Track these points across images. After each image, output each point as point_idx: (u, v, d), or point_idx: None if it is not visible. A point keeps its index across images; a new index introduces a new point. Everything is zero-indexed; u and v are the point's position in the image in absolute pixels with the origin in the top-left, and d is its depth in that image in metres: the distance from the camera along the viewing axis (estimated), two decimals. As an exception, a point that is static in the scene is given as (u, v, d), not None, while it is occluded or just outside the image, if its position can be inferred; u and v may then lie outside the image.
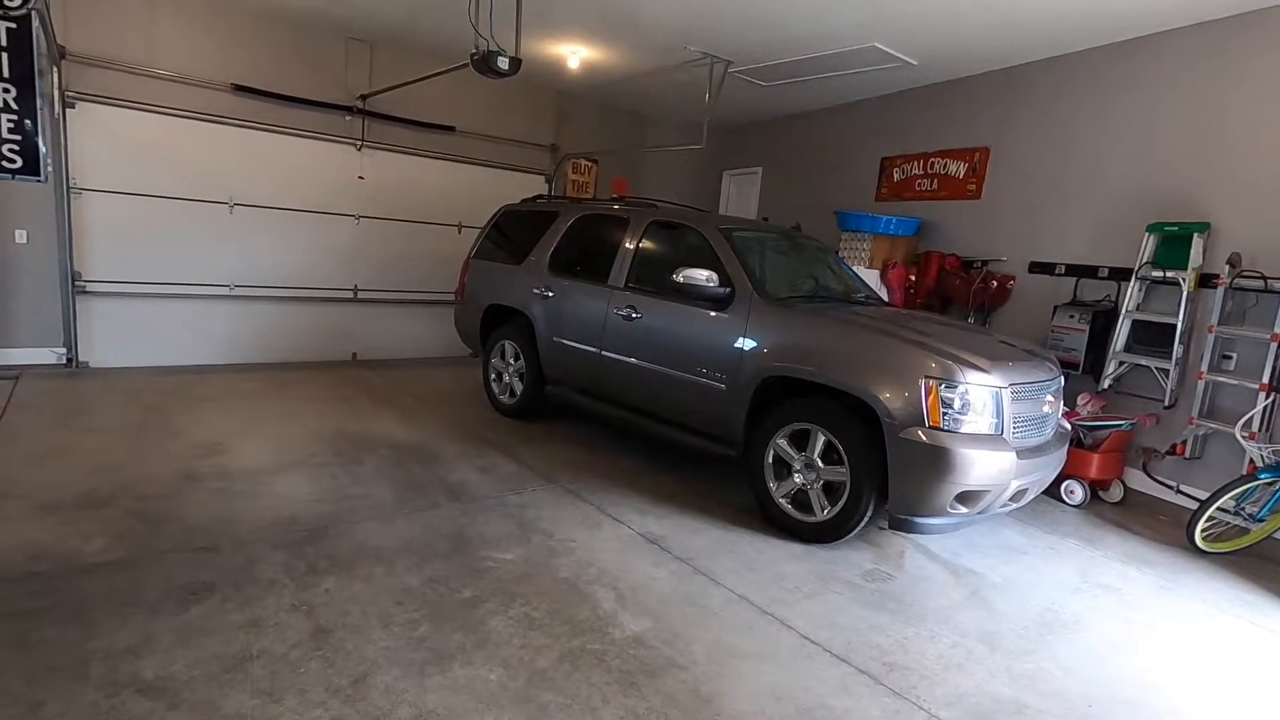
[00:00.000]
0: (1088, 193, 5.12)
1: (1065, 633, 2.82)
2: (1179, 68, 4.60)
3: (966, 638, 2.70)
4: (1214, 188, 4.43)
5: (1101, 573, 3.45)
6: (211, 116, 5.86)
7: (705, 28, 5.34)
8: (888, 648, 2.57)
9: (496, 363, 5.35)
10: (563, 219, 5.04)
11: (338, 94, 6.42)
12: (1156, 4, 4.29)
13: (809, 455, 3.40)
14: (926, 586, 3.11)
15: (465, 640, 2.33)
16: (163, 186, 5.75)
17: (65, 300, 5.51)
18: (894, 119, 6.66)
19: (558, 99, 7.81)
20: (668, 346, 4.06)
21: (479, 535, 3.17)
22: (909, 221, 6.22)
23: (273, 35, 6.06)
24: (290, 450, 4.10)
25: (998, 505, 3.22)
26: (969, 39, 5.12)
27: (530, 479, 3.98)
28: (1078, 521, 4.16)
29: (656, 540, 3.30)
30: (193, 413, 4.68)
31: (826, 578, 3.09)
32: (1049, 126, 5.38)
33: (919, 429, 3.04)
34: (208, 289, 6.09)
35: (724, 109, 7.50)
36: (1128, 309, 4.63)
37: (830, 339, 3.47)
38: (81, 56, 5.30)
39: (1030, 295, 5.46)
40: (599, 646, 2.38)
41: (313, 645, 2.23)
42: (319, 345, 6.76)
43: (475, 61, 4.36)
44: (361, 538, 3.04)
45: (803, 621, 2.69)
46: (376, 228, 6.86)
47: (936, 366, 3.08)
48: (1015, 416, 3.20)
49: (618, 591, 2.77)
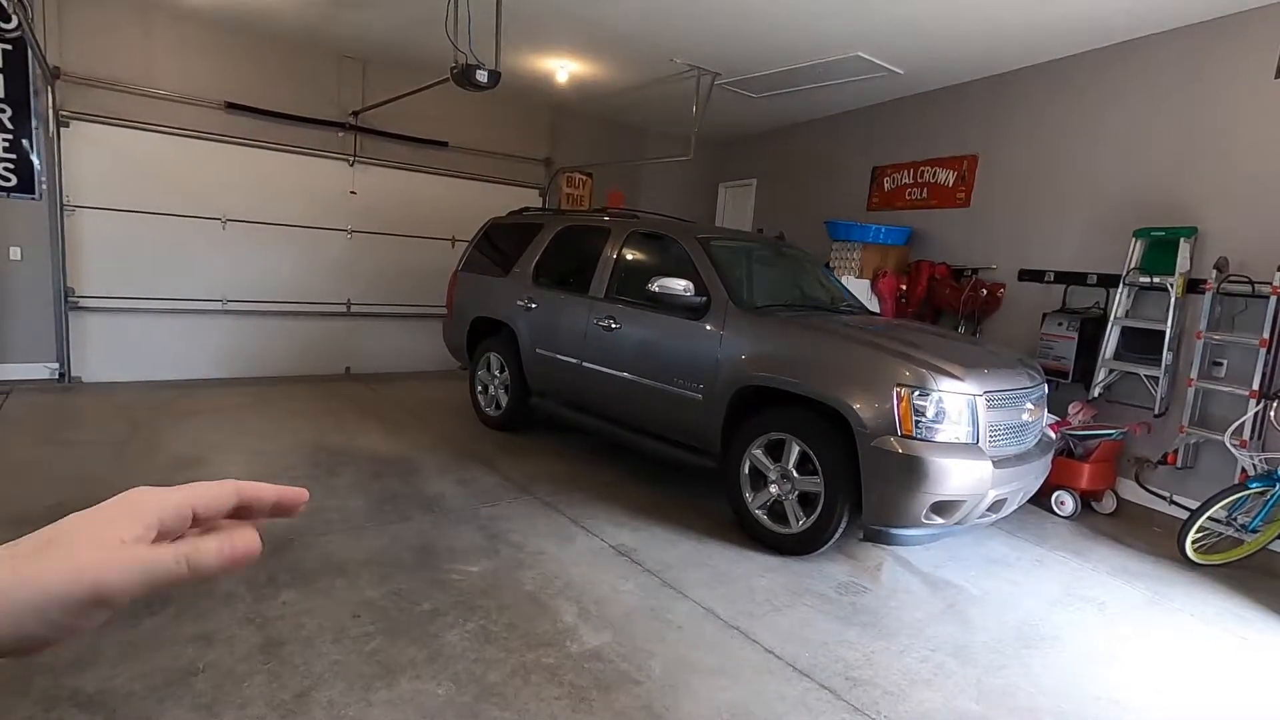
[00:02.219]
0: (1076, 199, 5.06)
1: (1042, 647, 2.74)
2: (1164, 72, 4.55)
3: (937, 652, 2.62)
4: (1201, 192, 4.36)
5: (1087, 586, 3.36)
6: (205, 134, 5.94)
7: (690, 39, 5.36)
8: (854, 662, 2.50)
9: (482, 375, 5.34)
10: (546, 231, 5.04)
11: (330, 111, 6.49)
12: (1137, 8, 4.26)
13: (784, 465, 3.35)
14: (902, 600, 3.04)
15: (417, 654, 2.30)
16: (156, 203, 5.81)
17: (58, 316, 5.57)
18: (884, 128, 6.64)
19: (551, 113, 7.86)
20: (646, 357, 4.03)
21: (447, 548, 3.13)
22: (899, 231, 6.17)
23: (266, 54, 6.14)
24: (268, 463, 4.09)
25: (975, 516, 3.14)
26: (952, 47, 5.10)
27: (508, 491, 3.95)
28: (1068, 533, 4.07)
29: (628, 553, 3.26)
30: (178, 427, 4.70)
31: (799, 590, 3.02)
32: (1037, 133, 5.33)
33: (891, 438, 2.99)
34: (200, 304, 6.13)
35: (717, 121, 7.51)
36: (1116, 315, 4.56)
37: (803, 348, 3.43)
38: (77, 76, 5.40)
39: (1020, 303, 5.39)
40: (553, 660, 2.33)
41: (261, 659, 2.20)
42: (311, 359, 6.79)
43: (455, 75, 4.39)
44: (328, 550, 3.01)
45: (769, 635, 2.63)
46: (369, 242, 6.91)
47: (909, 374, 3.03)
48: (992, 425, 3.14)
49: (581, 605, 2.73)
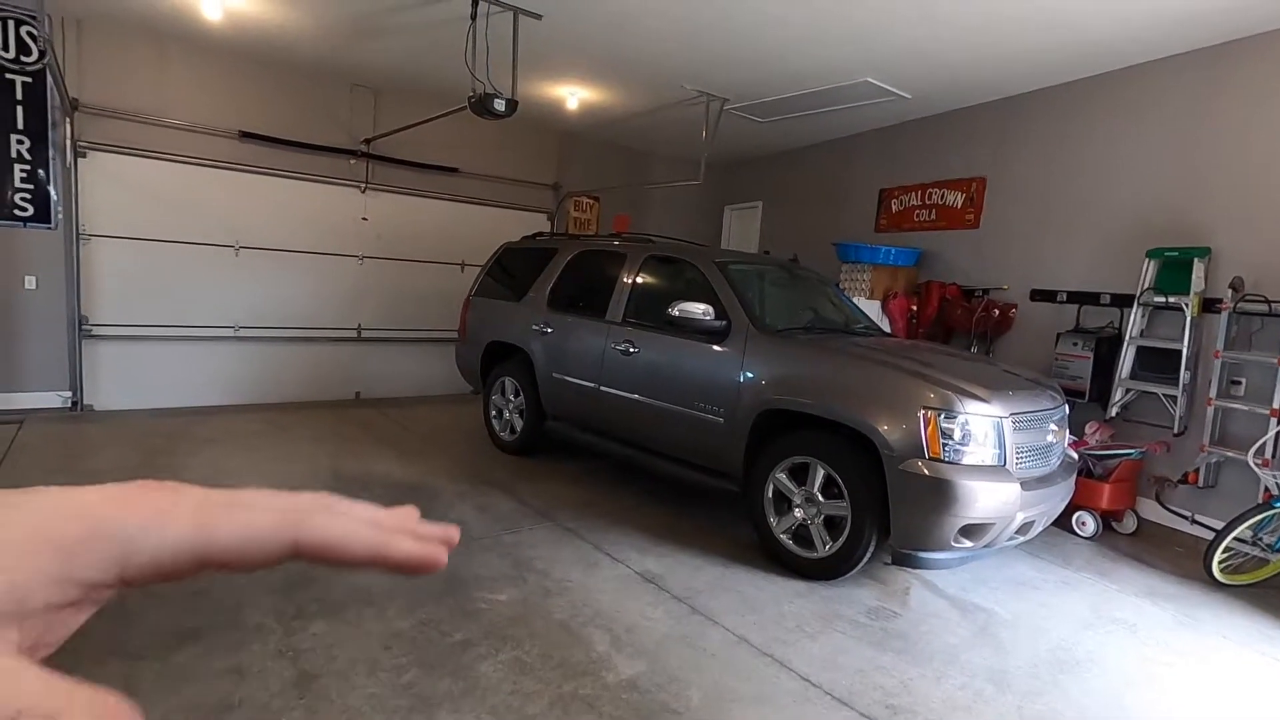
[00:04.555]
0: (1087, 219, 5.11)
1: (1079, 671, 2.71)
2: (1173, 95, 4.62)
3: (975, 678, 2.60)
4: (1213, 212, 4.41)
5: (1116, 607, 3.33)
6: (219, 163, 5.99)
7: (700, 67, 5.45)
8: (892, 689, 2.47)
9: (497, 400, 5.33)
10: (561, 255, 5.07)
11: (342, 138, 6.56)
12: (1143, 34, 4.34)
13: (809, 489, 3.34)
14: (933, 624, 3.01)
15: (453, 686, 2.27)
16: (170, 231, 5.85)
17: (72, 344, 5.58)
18: (891, 151, 6.71)
19: (559, 138, 7.95)
20: (665, 380, 4.03)
21: (473, 576, 3.11)
22: (909, 252, 6.22)
23: (279, 83, 6.22)
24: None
25: (1004, 538, 3.13)
26: (959, 72, 5.19)
27: (528, 517, 3.92)
28: (1091, 554, 4.05)
29: (654, 579, 3.23)
30: (192, 454, 4.68)
31: (829, 616, 3.00)
32: (1045, 155, 5.40)
33: (919, 461, 2.98)
34: (213, 331, 6.14)
35: (724, 145, 7.60)
36: (1131, 335, 4.58)
37: (827, 370, 3.44)
38: (94, 108, 5.46)
39: (1033, 323, 5.41)
40: (591, 691, 2.30)
41: (296, 693, 2.17)
42: (323, 385, 6.78)
43: (473, 104, 4.45)
44: (352, 579, 2.98)
45: (803, 663, 2.60)
46: (380, 268, 6.94)
47: (935, 396, 3.04)
48: (1018, 446, 3.14)
49: (613, 633, 2.70)
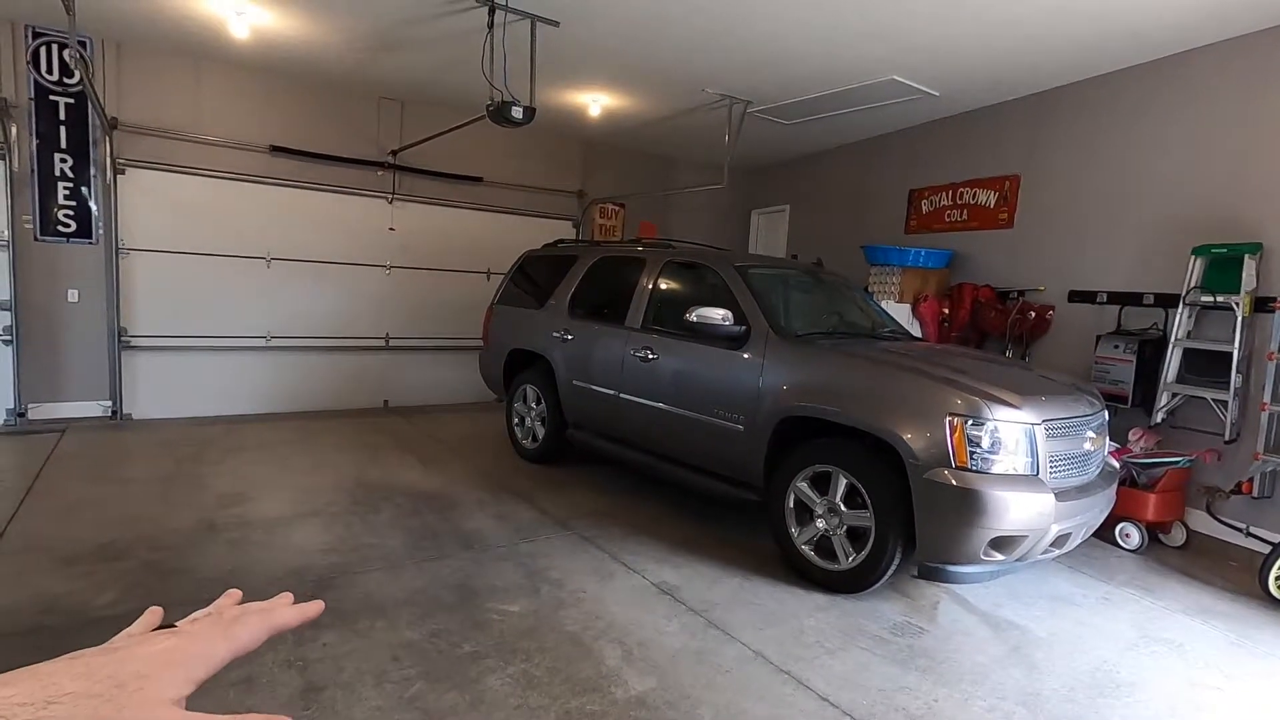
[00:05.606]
0: (1127, 217, 4.89)
1: (1120, 696, 2.55)
2: (1216, 84, 4.40)
3: (1005, 700, 2.46)
4: (1264, 207, 4.16)
5: (1162, 626, 3.14)
6: (251, 177, 6.14)
7: (721, 70, 5.38)
8: (916, 712, 2.35)
9: (519, 407, 5.33)
10: (581, 262, 5.04)
11: (370, 150, 6.66)
12: (1184, 20, 4.13)
13: (831, 499, 3.23)
14: (962, 642, 2.88)
15: (459, 700, 2.23)
16: (204, 244, 6.01)
17: (112, 355, 5.75)
18: (920, 151, 6.54)
19: (583, 146, 7.96)
20: (685, 387, 3.97)
21: (487, 586, 3.08)
22: (940, 254, 6.04)
23: (308, 98, 6.35)
24: (310, 500, 4.11)
25: (1038, 552, 2.97)
26: (990, 66, 5.02)
27: (546, 527, 3.89)
28: (1135, 568, 3.84)
29: (671, 591, 3.16)
30: (223, 463, 4.77)
31: (852, 631, 2.88)
32: (1081, 151, 5.19)
33: (945, 470, 2.86)
34: (245, 341, 6.28)
35: (748, 148, 7.51)
36: (1177, 337, 4.35)
37: (849, 376, 3.33)
38: (133, 126, 5.64)
39: (1071, 326, 5.19)
40: (599, 708, 2.24)
41: (301, 704, 2.16)
42: (351, 393, 6.88)
43: (491, 112, 4.47)
44: (368, 588, 2.98)
45: (823, 681, 2.50)
46: (407, 277, 7.02)
47: (961, 403, 2.91)
48: (1052, 455, 2.99)
49: (625, 647, 2.64)
